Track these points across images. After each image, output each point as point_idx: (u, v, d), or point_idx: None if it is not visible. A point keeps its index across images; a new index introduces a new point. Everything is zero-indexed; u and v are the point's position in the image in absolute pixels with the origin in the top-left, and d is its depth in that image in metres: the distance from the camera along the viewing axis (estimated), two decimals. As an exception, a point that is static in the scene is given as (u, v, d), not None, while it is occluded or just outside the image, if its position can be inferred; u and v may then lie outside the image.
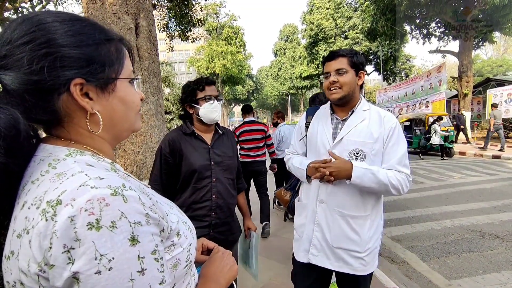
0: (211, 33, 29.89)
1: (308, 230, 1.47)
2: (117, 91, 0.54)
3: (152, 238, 0.46)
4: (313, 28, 29.04)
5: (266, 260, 3.06)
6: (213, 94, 1.51)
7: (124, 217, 0.43)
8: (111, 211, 0.42)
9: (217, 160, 1.52)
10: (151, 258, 0.45)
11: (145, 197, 0.48)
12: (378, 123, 1.37)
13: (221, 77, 29.30)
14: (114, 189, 0.44)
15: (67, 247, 0.39)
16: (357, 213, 1.37)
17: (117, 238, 0.41)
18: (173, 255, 0.54)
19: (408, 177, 1.35)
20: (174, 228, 0.55)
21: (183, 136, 1.53)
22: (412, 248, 3.31)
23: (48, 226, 0.40)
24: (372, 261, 1.41)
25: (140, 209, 0.45)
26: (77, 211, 0.40)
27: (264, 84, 46.85)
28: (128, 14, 3.04)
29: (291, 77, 37.39)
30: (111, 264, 0.41)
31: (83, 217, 0.40)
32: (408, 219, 4.22)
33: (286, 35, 41.77)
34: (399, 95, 17.30)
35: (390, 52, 24.39)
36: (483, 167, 7.47)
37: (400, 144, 1.35)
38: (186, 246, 0.58)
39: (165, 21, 8.38)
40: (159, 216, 0.49)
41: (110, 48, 0.53)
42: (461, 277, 2.66)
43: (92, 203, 0.41)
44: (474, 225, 3.82)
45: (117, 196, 0.43)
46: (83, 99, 0.50)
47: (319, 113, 1.56)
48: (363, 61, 1.40)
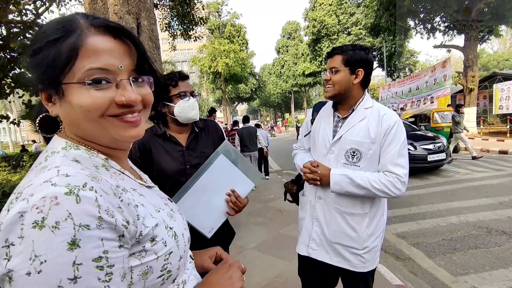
0: (213, 32, 29.85)
1: (307, 225, 1.51)
2: (67, 95, 0.50)
3: (100, 244, 0.43)
4: (316, 25, 28.86)
5: (270, 258, 3.06)
6: (188, 90, 1.35)
7: (70, 218, 0.40)
8: (59, 210, 0.40)
9: (194, 163, 1.34)
10: (91, 266, 0.42)
11: (109, 199, 0.46)
12: (376, 122, 1.33)
13: (224, 76, 29.28)
14: (70, 188, 0.42)
15: (8, 242, 0.39)
16: (354, 211, 1.38)
17: (56, 240, 0.39)
18: (143, 262, 0.51)
19: (400, 178, 1.28)
20: (147, 233, 0.52)
21: (154, 137, 1.36)
22: (417, 244, 3.29)
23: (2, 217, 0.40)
24: (372, 259, 1.40)
25: (92, 211, 0.43)
26: (28, 207, 0.40)
27: (267, 82, 46.72)
28: (130, 14, 3.05)
29: (294, 74, 37.25)
30: (41, 267, 0.38)
31: (31, 214, 0.39)
32: (413, 215, 4.18)
33: (289, 32, 41.57)
34: (403, 91, 17.14)
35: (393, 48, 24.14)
36: (489, 162, 7.38)
37: (395, 142, 1.30)
38: (162, 254, 0.54)
39: (167, 21, 8.39)
40: (119, 220, 0.46)
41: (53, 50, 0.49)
42: (468, 274, 2.63)
43: (45, 200, 0.40)
44: (480, 221, 3.77)
45: (70, 196, 0.42)
46: (47, 103, 0.54)
47: (323, 110, 1.56)
48: (362, 57, 1.33)
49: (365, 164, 1.34)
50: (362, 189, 1.29)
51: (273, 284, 2.58)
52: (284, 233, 3.74)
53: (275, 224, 4.06)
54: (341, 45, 1.42)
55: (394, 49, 24.28)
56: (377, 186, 1.28)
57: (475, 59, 13.81)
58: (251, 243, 3.45)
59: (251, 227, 4.02)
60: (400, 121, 1.35)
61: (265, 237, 3.62)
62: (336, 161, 1.39)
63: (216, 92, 33.96)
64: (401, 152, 1.31)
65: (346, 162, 1.37)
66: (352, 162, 1.36)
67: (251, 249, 3.33)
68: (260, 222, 4.17)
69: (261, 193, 5.81)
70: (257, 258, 3.09)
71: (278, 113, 61.51)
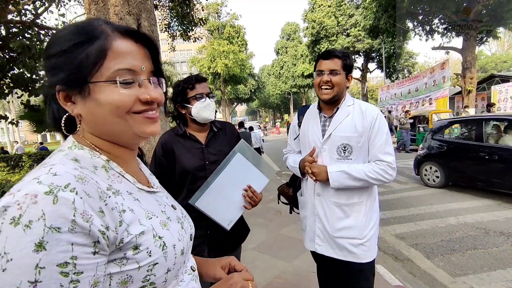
0: (213, 33, 29.85)
1: (310, 222, 1.60)
2: (93, 94, 0.53)
3: (69, 249, 0.41)
4: (315, 26, 28.88)
5: (270, 258, 3.07)
6: (205, 91, 1.45)
7: (43, 219, 0.40)
8: (34, 209, 0.40)
9: (212, 160, 1.46)
10: (54, 271, 0.40)
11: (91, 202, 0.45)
12: (360, 116, 1.45)
13: (223, 77, 29.29)
14: (51, 188, 0.42)
15: None
16: (351, 201, 1.46)
17: (25, 239, 0.39)
18: (123, 270, 0.50)
19: (390, 165, 1.41)
20: (129, 241, 0.50)
21: (175, 137, 1.49)
22: (416, 245, 3.30)
23: None
24: (372, 247, 1.48)
25: (66, 214, 0.42)
26: (12, 202, 0.40)
27: (266, 83, 46.78)
28: (130, 15, 3.05)
29: (293, 75, 37.30)
30: (6, 265, 0.39)
31: (12, 210, 0.40)
32: (412, 216, 4.20)
33: (288, 33, 41.66)
34: (402, 93, 17.19)
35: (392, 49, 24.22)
36: (487, 164, 7.40)
37: (381, 133, 1.43)
38: (145, 264, 0.51)
39: (166, 21, 8.40)
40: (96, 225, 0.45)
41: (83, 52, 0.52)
42: (466, 274, 2.65)
43: (26, 197, 0.41)
44: (479, 222, 3.79)
45: (49, 196, 0.42)
46: (65, 103, 0.54)
47: (309, 112, 1.66)
48: (352, 64, 1.50)
49: (356, 156, 1.45)
50: (359, 181, 1.40)
51: (273, 284, 2.58)
52: (283, 234, 3.75)
53: (275, 225, 4.07)
54: (335, 49, 1.52)
55: (393, 51, 24.36)
56: (372, 176, 1.40)
57: (473, 61, 13.87)
58: (250, 243, 3.45)
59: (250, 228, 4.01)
60: (381, 114, 1.49)
61: (265, 238, 3.62)
62: (329, 157, 1.49)
63: (215, 93, 33.94)
64: (387, 141, 1.44)
65: (339, 157, 1.47)
66: (344, 156, 1.46)
67: (251, 249, 3.33)
68: (259, 223, 4.18)
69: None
70: (257, 258, 3.09)
71: (277, 114, 61.58)
